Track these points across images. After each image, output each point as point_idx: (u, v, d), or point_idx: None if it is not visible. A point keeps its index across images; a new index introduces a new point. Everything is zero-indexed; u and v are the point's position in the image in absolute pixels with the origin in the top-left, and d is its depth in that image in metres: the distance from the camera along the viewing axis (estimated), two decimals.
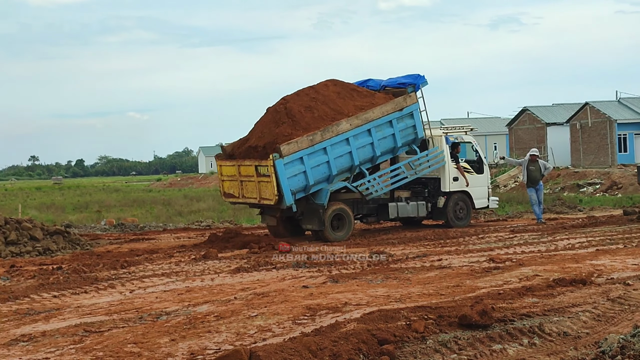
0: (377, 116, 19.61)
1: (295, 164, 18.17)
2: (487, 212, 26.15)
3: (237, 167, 19.13)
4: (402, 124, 20.31)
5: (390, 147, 20.30)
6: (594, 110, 56.94)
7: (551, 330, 8.22)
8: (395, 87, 21.09)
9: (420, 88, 20.78)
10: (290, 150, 17.95)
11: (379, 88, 21.44)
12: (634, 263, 13.01)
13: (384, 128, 19.93)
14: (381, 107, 19.78)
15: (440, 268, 13.32)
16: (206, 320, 9.35)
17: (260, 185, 18.47)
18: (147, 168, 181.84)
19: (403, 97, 20.31)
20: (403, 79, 21.12)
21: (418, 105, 20.63)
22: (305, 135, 18.29)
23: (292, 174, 18.20)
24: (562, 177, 45.60)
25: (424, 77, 20.97)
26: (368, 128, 19.47)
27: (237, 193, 19.43)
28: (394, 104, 20.06)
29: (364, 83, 21.81)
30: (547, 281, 11.11)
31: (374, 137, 19.67)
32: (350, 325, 8.44)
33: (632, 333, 7.51)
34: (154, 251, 17.42)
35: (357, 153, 19.38)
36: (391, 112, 19.95)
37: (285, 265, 14.40)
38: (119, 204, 42.36)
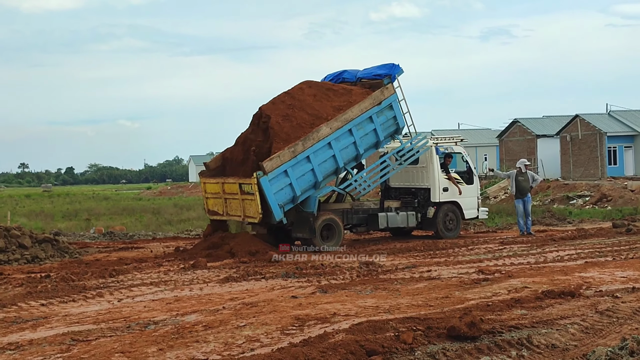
0: (356, 115, 19.36)
1: (280, 179, 18.06)
2: (477, 223, 26.17)
3: (221, 185, 18.96)
4: (382, 117, 20.08)
5: (373, 142, 20.17)
6: (584, 123, 57.11)
7: (539, 342, 8.23)
8: (371, 78, 20.85)
9: (396, 78, 20.51)
10: (273, 166, 17.82)
11: (355, 80, 21.24)
12: (622, 276, 13.04)
13: (365, 125, 19.72)
14: (359, 104, 19.50)
15: (430, 279, 13.32)
16: (194, 330, 9.32)
17: (244, 203, 18.28)
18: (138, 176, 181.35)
19: (380, 90, 20.00)
20: (378, 70, 20.84)
21: (396, 96, 20.36)
22: (287, 148, 18.12)
23: (278, 189, 18.10)
24: (552, 189, 45.67)
25: (399, 65, 20.67)
26: (349, 128, 19.26)
27: (222, 210, 19.19)
28: (371, 99, 19.76)
29: (339, 75, 21.60)
30: (536, 293, 11.12)
31: (356, 136, 19.49)
32: (339, 336, 8.43)
33: (620, 346, 7.52)
34: (142, 260, 17.36)
35: (340, 155, 19.25)
36: (370, 108, 19.68)
37: (275, 275, 14.37)
38: (109, 212, 42.24)
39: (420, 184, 21.71)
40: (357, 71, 21.53)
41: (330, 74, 21.83)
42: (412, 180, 21.96)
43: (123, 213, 41.05)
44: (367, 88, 20.63)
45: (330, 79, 21.67)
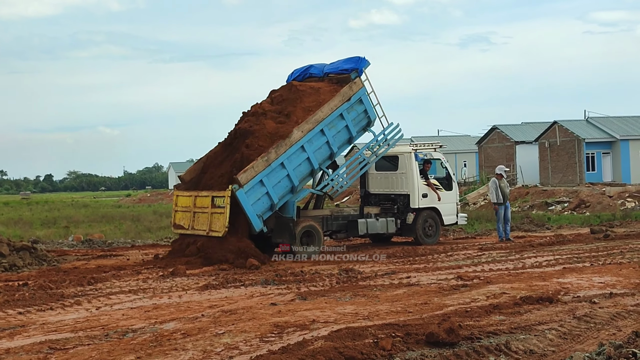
0: (326, 114, 19.23)
1: (256, 189, 17.98)
2: (456, 229, 26.26)
3: (194, 198, 18.75)
4: (353, 112, 19.97)
5: (346, 138, 20.09)
6: (562, 129, 57.46)
7: (517, 348, 8.26)
8: (339, 73, 20.69)
9: (363, 71, 20.35)
10: (248, 177, 17.71)
11: (322, 75, 21.13)
12: (600, 281, 13.12)
13: (336, 123, 19.61)
14: (329, 103, 19.35)
15: (409, 285, 13.34)
16: (173, 337, 9.29)
17: (212, 217, 18.00)
18: (117, 183, 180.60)
19: (348, 85, 19.84)
20: (345, 64, 20.66)
21: (365, 90, 20.20)
22: (260, 158, 18.00)
23: (256, 199, 18.02)
24: (531, 195, 45.94)
25: (365, 58, 20.48)
26: (321, 128, 19.16)
27: (187, 225, 18.83)
28: (340, 96, 19.59)
29: (306, 70, 21.47)
30: (514, 299, 11.17)
31: (328, 135, 19.41)
32: (318, 343, 8.42)
33: (598, 351, 7.57)
34: (121, 268, 17.28)
35: (314, 156, 19.19)
36: (340, 105, 19.53)
37: (254, 282, 14.34)
38: (88, 219, 42.02)
39: (399, 190, 21.76)
40: (324, 65, 21.34)
41: (297, 69, 21.66)
42: (392, 187, 22.01)
43: (102, 220, 40.85)
44: (335, 83, 20.49)
45: (297, 74, 21.51)
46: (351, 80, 20.06)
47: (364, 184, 22.61)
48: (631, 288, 12.24)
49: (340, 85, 20.24)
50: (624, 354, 7.32)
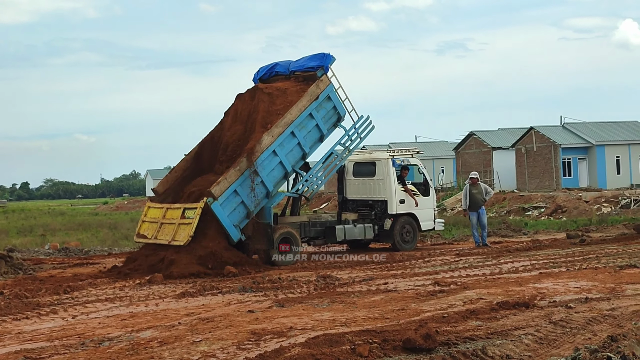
0: (295, 116, 19.09)
1: (230, 200, 17.90)
2: (434, 235, 26.35)
3: (164, 210, 18.59)
4: (322, 110, 19.87)
5: (317, 137, 20.02)
6: (538, 135, 57.84)
7: (494, 353, 8.28)
8: (304, 71, 20.50)
9: (329, 67, 20.18)
10: (222, 189, 17.61)
11: (288, 73, 20.95)
12: (576, 286, 13.20)
13: (306, 123, 19.51)
14: (297, 104, 19.20)
15: (386, 292, 13.35)
16: (149, 346, 9.24)
17: (178, 228, 17.79)
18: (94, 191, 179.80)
19: (315, 84, 19.68)
20: (310, 62, 20.46)
21: (332, 86, 20.05)
22: (232, 168, 17.94)
23: (231, 210, 17.95)
24: (508, 200, 46.16)
25: (330, 54, 20.31)
26: (291, 131, 19.04)
27: (151, 235, 18.56)
28: (308, 95, 19.45)
29: (272, 69, 21.28)
30: (491, 304, 11.21)
31: (299, 137, 19.31)
32: (295, 349, 8.41)
33: (573, 356, 7.61)
34: (98, 276, 17.18)
35: (287, 159, 19.12)
36: (309, 105, 19.40)
37: (231, 289, 14.31)
38: (64, 227, 41.75)
39: (377, 196, 21.80)
40: (290, 63, 21.14)
41: (263, 67, 21.47)
42: (369, 193, 22.05)
43: (79, 228, 40.61)
44: (301, 82, 20.32)
45: (263, 73, 21.36)
46: (317, 78, 19.88)
47: (341, 190, 22.64)
48: (607, 293, 12.31)
49: (306, 83, 20.05)
50: (599, 358, 7.37)
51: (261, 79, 21.30)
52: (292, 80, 20.63)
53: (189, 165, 19.95)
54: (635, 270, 15.12)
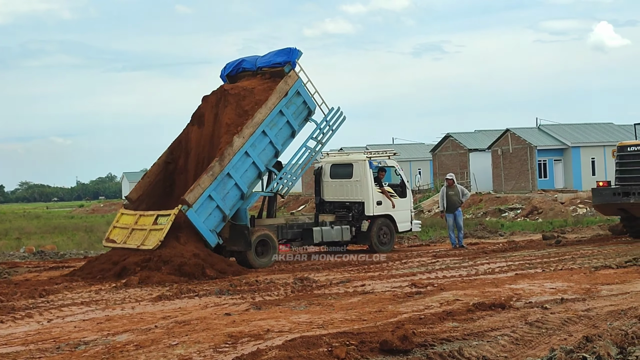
0: (265, 115, 18.94)
1: (205, 205, 17.80)
2: (411, 237, 26.41)
3: (137, 217, 18.45)
4: (292, 106, 19.71)
5: (288, 133, 19.89)
6: (514, 137, 58.18)
7: (470, 354, 8.31)
8: (272, 66, 20.35)
9: (296, 62, 20.03)
10: (196, 196, 17.50)
11: (255, 69, 20.79)
12: (551, 287, 13.27)
13: (277, 121, 19.37)
14: (266, 103, 19.04)
15: (363, 293, 13.37)
16: (125, 349, 9.20)
17: (149, 234, 17.61)
18: (70, 194, 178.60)
19: (283, 80, 19.50)
20: (277, 58, 20.29)
21: (301, 80, 19.87)
22: (205, 173, 17.82)
23: (207, 215, 17.86)
24: (484, 202, 46.39)
25: (297, 49, 20.13)
26: (262, 130, 18.90)
27: (120, 240, 18.38)
28: (277, 93, 19.28)
29: (239, 65, 21.12)
30: (467, 305, 11.25)
31: (271, 135, 19.19)
32: (272, 352, 8.40)
33: (549, 356, 7.66)
34: (73, 279, 17.06)
35: (260, 159, 19.01)
36: (278, 102, 19.23)
37: (208, 292, 14.26)
38: (40, 230, 41.46)
39: (354, 198, 21.82)
40: (257, 58, 20.96)
41: (230, 64, 21.31)
42: (347, 194, 22.06)
43: (54, 231, 40.36)
44: (268, 78, 20.17)
45: (230, 69, 21.20)
46: (285, 74, 19.72)
47: (318, 191, 22.64)
48: (582, 293, 12.40)
49: (274, 80, 19.90)
50: (574, 358, 7.42)
51: (228, 75, 21.17)
52: (259, 78, 20.45)
53: (160, 170, 19.84)
54: (610, 271, 15.24)
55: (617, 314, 10.37)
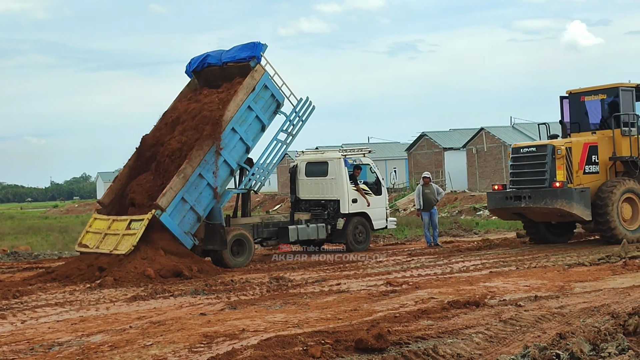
0: (234, 112, 18.82)
1: (179, 208, 17.71)
2: (386, 235, 26.47)
3: (110, 222, 18.29)
4: (260, 100, 19.57)
5: (258, 128, 19.76)
6: (489, 136, 58.46)
7: (445, 352, 8.35)
8: (237, 61, 20.17)
9: (262, 56, 19.84)
10: (169, 199, 17.41)
11: (220, 64, 20.61)
12: (525, 285, 13.36)
13: (246, 117, 19.23)
14: (234, 100, 18.90)
15: (339, 292, 13.39)
16: (100, 350, 9.16)
17: (122, 239, 17.47)
18: (44, 194, 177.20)
19: (250, 75, 19.33)
20: (242, 53, 20.10)
21: (267, 74, 19.72)
22: (176, 176, 17.71)
23: (181, 218, 17.78)
24: (459, 200, 46.56)
25: (261, 43, 19.95)
26: (231, 127, 18.80)
27: (93, 245, 18.18)
28: (244, 88, 19.13)
29: (204, 60, 20.91)
30: (442, 304, 11.30)
31: (240, 132, 19.07)
32: (247, 352, 8.40)
33: (522, 353, 7.70)
34: (47, 280, 16.94)
35: (231, 157, 18.91)
36: (246, 98, 19.09)
37: (183, 292, 14.22)
38: (13, 231, 41.06)
39: (329, 196, 21.83)
40: (222, 53, 20.79)
41: (195, 59, 21.11)
42: (322, 192, 22.07)
43: (28, 232, 40.00)
44: (235, 74, 20.06)
45: (196, 65, 21.04)
46: (251, 68, 19.58)
47: (294, 190, 22.64)
48: (555, 291, 12.49)
49: (240, 75, 19.79)
50: (547, 355, 7.46)
51: (194, 70, 21.08)
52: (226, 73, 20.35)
53: (131, 173, 19.70)
54: (584, 268, 15.36)
55: (590, 311, 10.46)
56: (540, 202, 19.51)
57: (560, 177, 19.49)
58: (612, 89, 20.60)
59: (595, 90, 21.03)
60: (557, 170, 19.60)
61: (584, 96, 21.25)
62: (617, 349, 7.56)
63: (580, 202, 19.21)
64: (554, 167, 19.65)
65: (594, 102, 21.15)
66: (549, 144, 19.98)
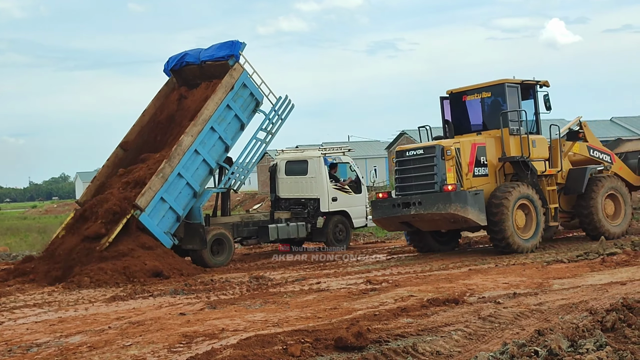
0: (212, 110, 18.79)
1: (158, 207, 17.65)
2: (366, 234, 26.50)
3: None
4: (239, 99, 19.57)
5: (238, 127, 19.78)
6: None
7: (424, 349, 8.36)
8: (215, 60, 20.19)
9: (240, 54, 19.84)
10: (148, 199, 17.36)
11: (198, 63, 20.62)
12: (504, 282, 13.41)
13: (225, 115, 19.23)
14: (212, 98, 18.87)
15: (319, 291, 13.39)
16: (78, 351, 9.11)
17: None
18: (22, 195, 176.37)
19: (228, 74, 19.32)
20: (220, 51, 20.12)
21: (246, 72, 19.74)
22: (155, 175, 17.66)
23: (160, 218, 17.72)
24: None
25: (239, 41, 19.95)
26: (210, 126, 18.77)
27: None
28: (223, 87, 19.11)
29: (182, 59, 20.90)
30: (422, 301, 11.32)
31: (219, 130, 19.06)
32: (227, 351, 8.37)
33: (501, 350, 7.72)
34: (25, 281, 16.83)
35: (210, 156, 18.90)
36: (225, 97, 19.09)
37: (163, 292, 14.18)
38: None
39: (309, 195, 21.83)
40: (200, 51, 20.74)
41: (173, 57, 21.11)
42: (302, 191, 22.06)
43: (7, 233, 39.77)
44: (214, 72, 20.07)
45: (174, 63, 21.00)
46: (230, 67, 19.57)
47: (274, 188, 22.62)
48: (534, 288, 12.54)
49: (218, 73, 19.78)
50: (526, 352, 7.49)
51: (172, 69, 21.00)
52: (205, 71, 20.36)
53: (110, 172, 19.62)
54: (562, 265, 15.44)
55: (569, 307, 10.50)
56: (432, 208, 17.57)
57: (451, 179, 17.63)
58: (497, 86, 18.86)
59: (478, 89, 19.28)
60: (447, 173, 17.72)
61: (466, 95, 19.48)
62: (595, 345, 7.60)
63: (474, 206, 17.42)
64: (443, 169, 17.76)
65: (477, 101, 19.42)
66: (437, 145, 17.96)
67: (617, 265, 14.92)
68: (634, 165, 21.81)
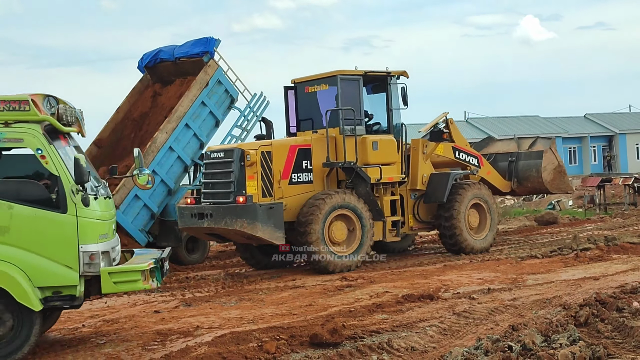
0: (187, 107, 18.48)
1: (132, 205, 17.49)
2: None
3: None
4: (214, 96, 19.26)
5: (212, 124, 19.46)
6: None
7: (399, 345, 8.39)
8: (190, 57, 19.78)
9: (215, 51, 19.45)
10: (122, 197, 17.13)
11: (173, 59, 20.21)
12: (479, 277, 13.47)
13: (200, 112, 18.90)
14: (187, 95, 18.58)
15: (294, 288, 13.38)
16: (52, 349, 9.06)
17: None
18: None
19: (203, 70, 18.97)
20: (194, 48, 19.73)
21: (221, 69, 19.39)
22: (129, 173, 17.60)
23: (134, 215, 17.56)
24: None
25: (214, 38, 19.62)
26: (185, 123, 18.45)
27: None
28: (198, 84, 18.80)
29: (156, 55, 20.49)
30: (397, 297, 11.36)
31: (194, 127, 18.75)
32: (201, 349, 8.37)
33: (476, 346, 7.78)
34: None
35: (185, 153, 18.61)
36: (199, 94, 18.76)
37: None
38: None
39: None
40: (174, 48, 20.41)
41: (147, 54, 20.72)
42: None
43: None
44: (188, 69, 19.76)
45: (148, 60, 20.65)
46: (205, 63, 19.26)
47: None
48: (508, 283, 12.61)
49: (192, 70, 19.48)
50: (500, 347, 7.54)
51: (146, 66, 20.86)
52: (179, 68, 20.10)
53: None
54: (536, 260, 15.52)
55: (542, 302, 10.59)
56: (221, 222, 14.91)
57: (250, 189, 14.96)
58: (332, 78, 16.56)
59: (317, 80, 17.03)
60: (248, 181, 15.07)
61: (308, 87, 17.23)
62: (568, 339, 7.67)
63: (267, 222, 14.61)
64: (242, 177, 15.10)
65: (316, 94, 17.26)
66: (236, 148, 15.41)
67: (590, 260, 15.04)
68: (503, 169, 20.03)
